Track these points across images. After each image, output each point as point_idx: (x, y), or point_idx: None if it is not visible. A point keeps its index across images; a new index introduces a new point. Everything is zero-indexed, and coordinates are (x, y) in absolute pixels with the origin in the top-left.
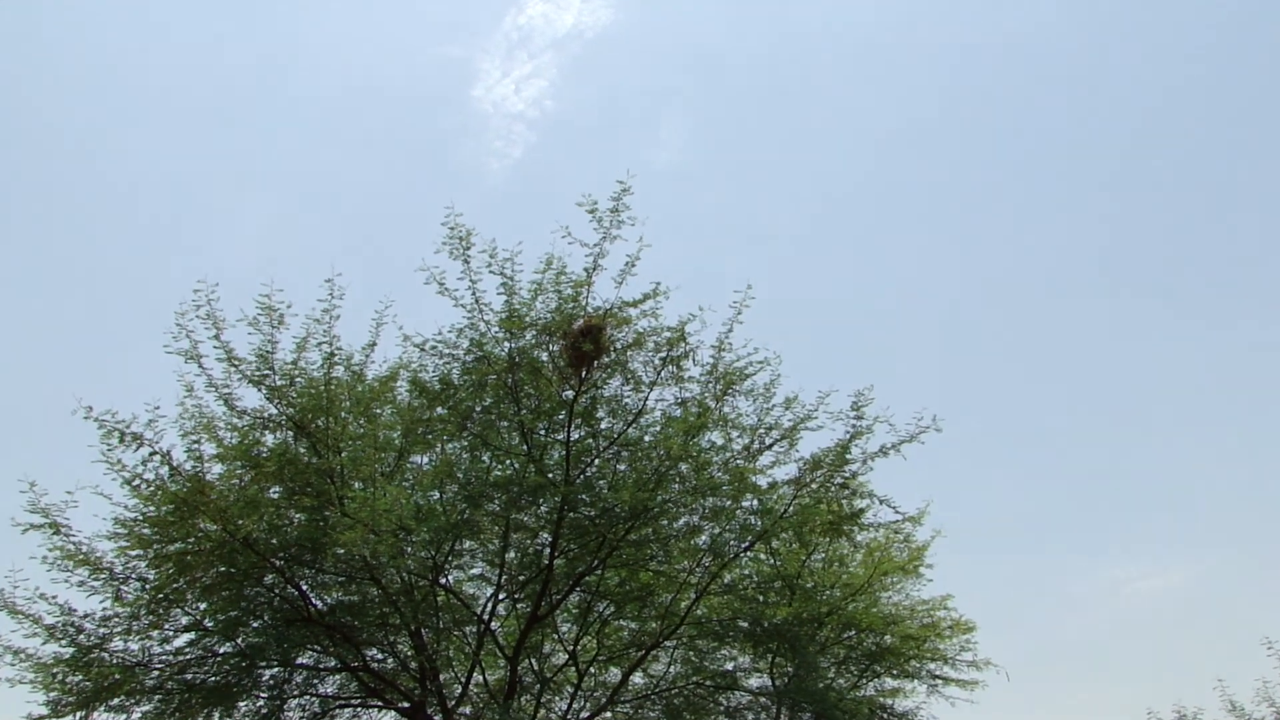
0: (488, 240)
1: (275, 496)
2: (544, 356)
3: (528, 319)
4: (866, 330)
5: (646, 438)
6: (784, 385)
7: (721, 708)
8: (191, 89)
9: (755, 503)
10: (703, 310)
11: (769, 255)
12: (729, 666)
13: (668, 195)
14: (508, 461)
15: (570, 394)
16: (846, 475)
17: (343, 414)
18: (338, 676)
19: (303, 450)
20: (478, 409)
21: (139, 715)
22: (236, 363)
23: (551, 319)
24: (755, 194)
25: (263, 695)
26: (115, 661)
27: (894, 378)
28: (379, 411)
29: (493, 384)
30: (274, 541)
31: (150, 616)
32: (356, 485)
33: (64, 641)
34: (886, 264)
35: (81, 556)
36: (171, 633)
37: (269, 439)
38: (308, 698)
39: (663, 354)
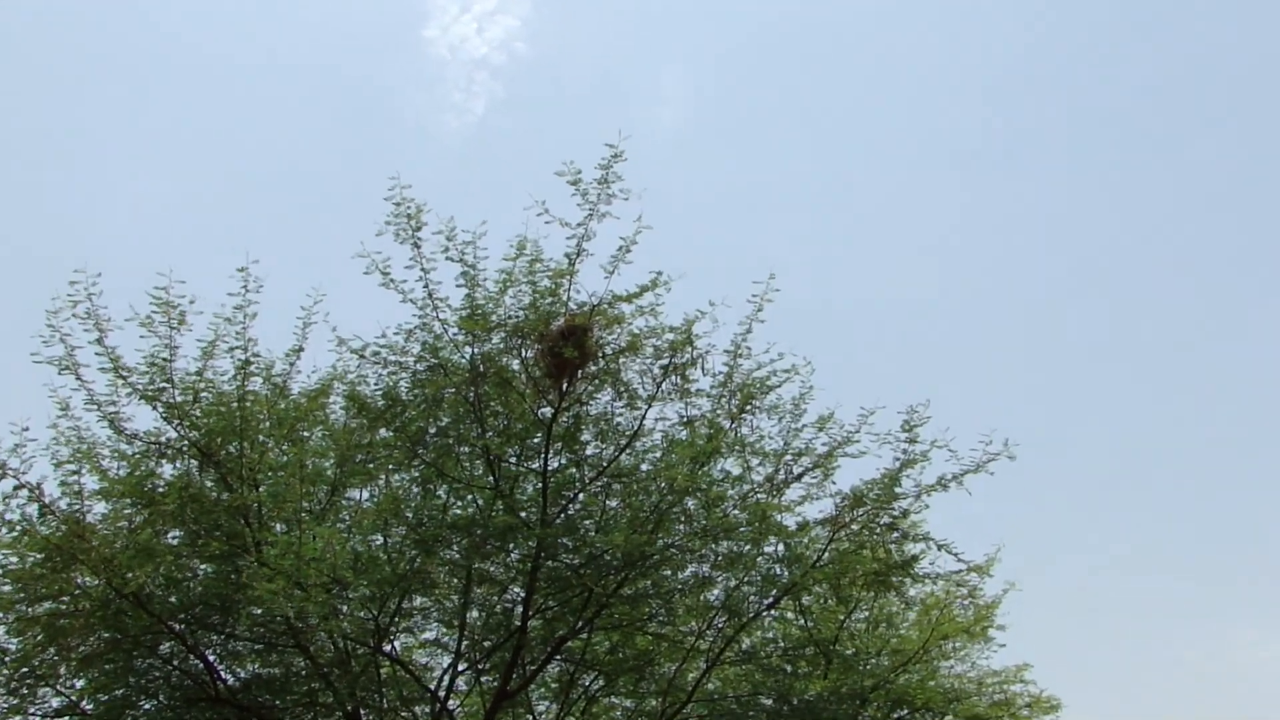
0: (443, 219)
1: (174, 542)
2: (515, 365)
3: (494, 317)
4: (920, 331)
5: (644, 466)
6: (817, 400)
7: None
8: (65, 35)
9: (781, 548)
10: (714, 306)
11: (798, 238)
12: None
13: (672, 163)
14: (469, 497)
15: (548, 412)
16: (896, 514)
17: (261, 438)
18: None
19: (210, 483)
20: (431, 431)
21: None
22: (125, 373)
23: (525, 318)
24: (782, 162)
25: None
26: None
27: (955, 391)
28: (307, 434)
29: (451, 399)
30: (173, 599)
31: (11, 699)
32: (278, 527)
33: None
34: (948, 246)
35: None
36: (39, 718)
37: (166, 469)
38: None
39: (664, 361)
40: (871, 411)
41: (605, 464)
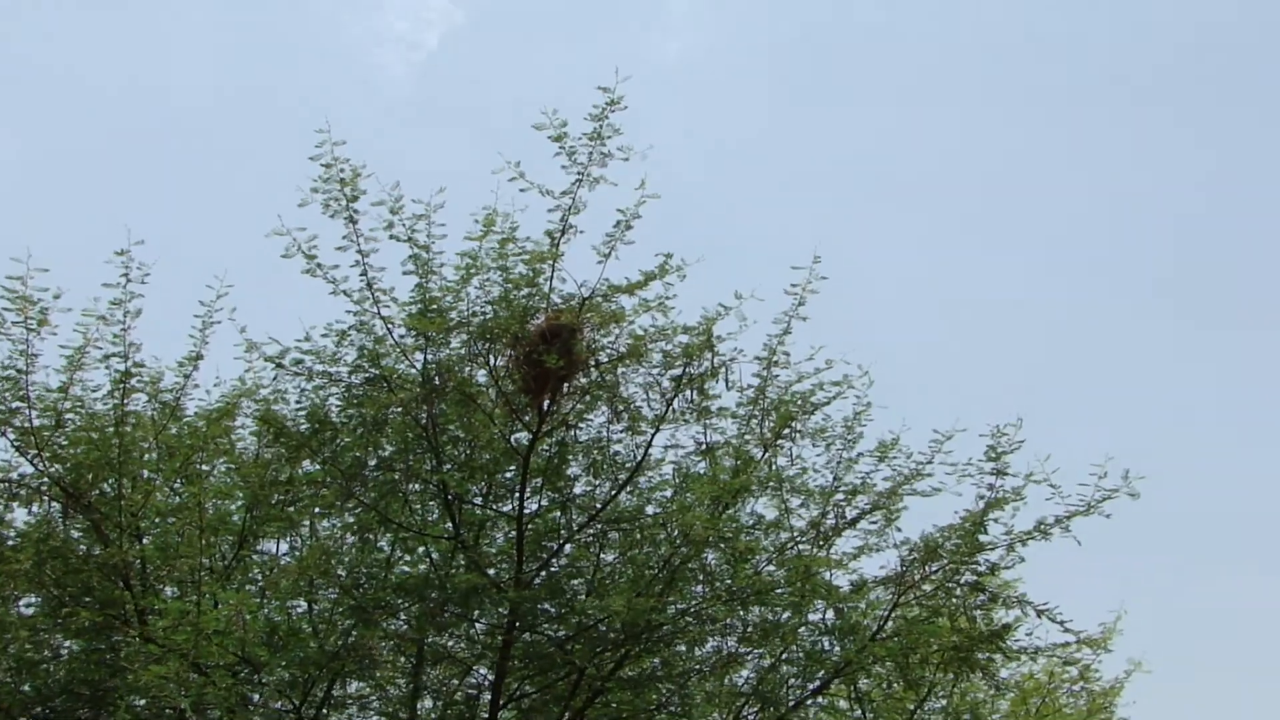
0: (387, 185)
1: (30, 611)
2: (482, 376)
3: (454, 314)
4: (1017, 329)
5: (650, 509)
6: (876, 421)
7: None
8: None
9: (830, 615)
10: (741, 299)
11: (839, 207)
12: None
13: (682, 110)
14: (421, 549)
15: (525, 437)
16: (981, 569)
17: (145, 473)
18: None
19: (78, 534)
20: (372, 463)
21: None
22: None
23: (494, 315)
24: (820, 108)
25: None
26: None
27: (1050, 405)
28: (206, 469)
29: (397, 422)
30: (26, 688)
31: None
32: (168, 592)
33: None
34: (1037, 215)
35: None
36: None
37: (19, 515)
38: None
39: (676, 371)
40: (947, 435)
41: (599, 506)
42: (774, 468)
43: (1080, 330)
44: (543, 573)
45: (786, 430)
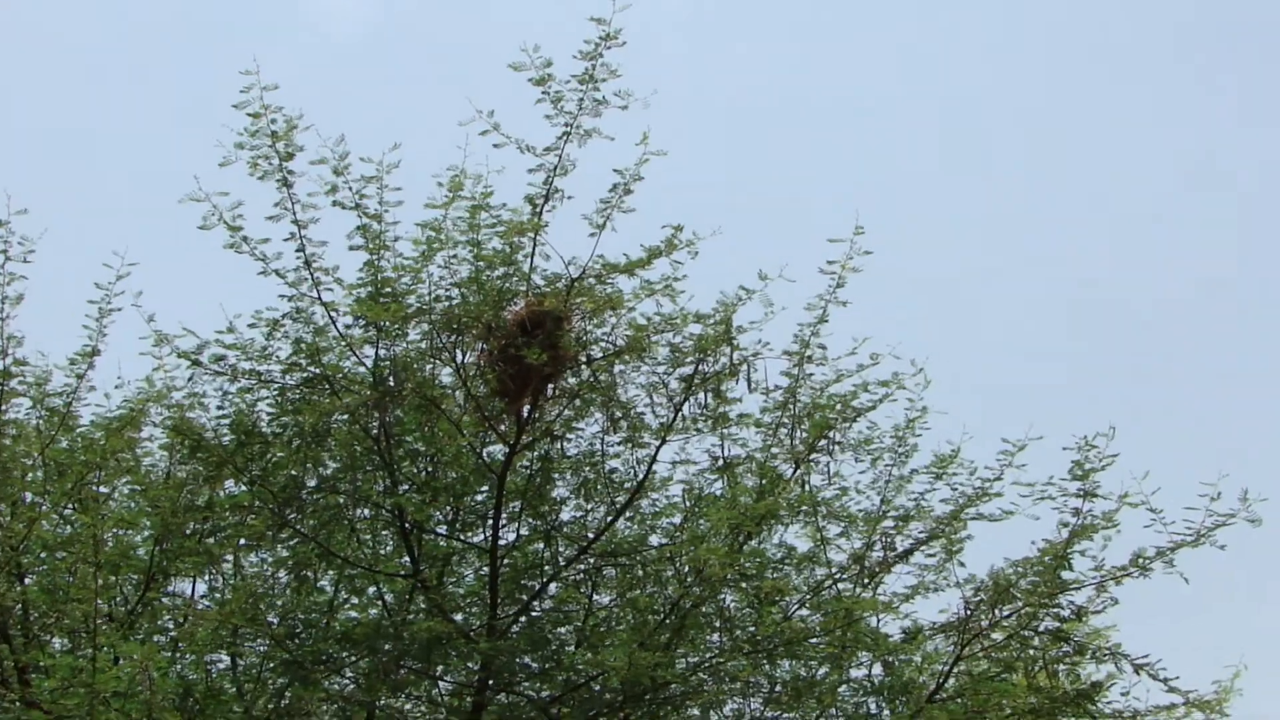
0: (329, 140)
1: None
2: (447, 375)
3: (413, 299)
4: (1104, 321)
5: (655, 539)
6: (934, 429)
7: None
8: None
9: (878, 671)
10: (767, 280)
11: (887, 166)
12: None
13: (694, 57)
14: (372, 590)
15: (500, 451)
16: (1065, 614)
17: (29, 496)
18: None
19: None
20: (311, 484)
21: None
22: None
23: (462, 300)
24: (854, 42)
25: None
26: None
27: (1148, 414)
28: (105, 490)
29: (342, 433)
30: None
31: None
32: (56, 644)
33: None
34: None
35: None
36: None
37: None
38: None
39: (687, 369)
40: (1019, 447)
41: (592, 535)
42: (807, 488)
43: (1180, 321)
44: (522, 618)
45: (823, 442)
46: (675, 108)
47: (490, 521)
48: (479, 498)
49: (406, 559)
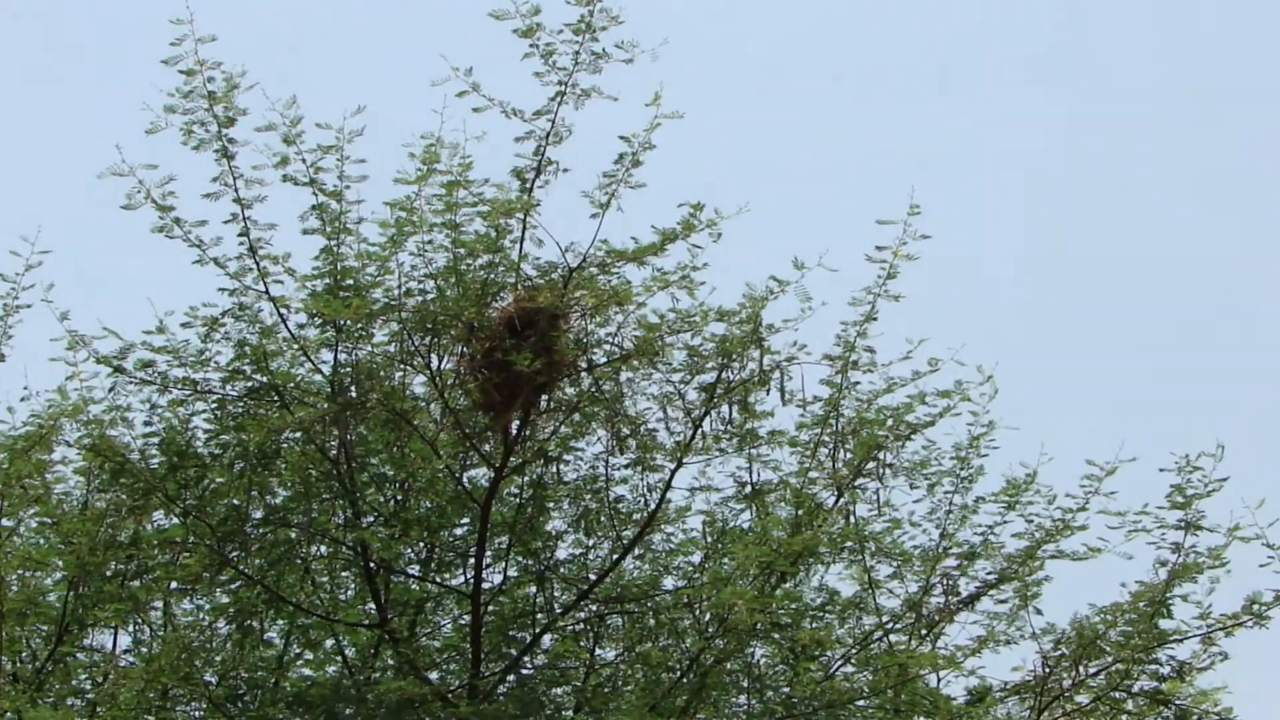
0: (279, 102)
1: None
2: (420, 384)
3: (379, 294)
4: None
5: (670, 582)
6: (1005, 449)
7: None
8: None
9: None
10: (803, 270)
11: (943, 132)
12: None
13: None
14: (330, 643)
15: (484, 476)
16: (1165, 672)
17: None
18: None
19: None
20: (256, 514)
21: None
22: None
23: (438, 294)
24: None
25: None
26: None
27: (1259, 429)
28: (7, 524)
29: (294, 454)
30: None
31: None
32: None
33: None
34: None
35: None
36: None
37: None
38: None
39: (708, 376)
40: (1108, 470)
41: (594, 577)
42: (852, 520)
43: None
44: (510, 677)
45: (871, 464)
46: (692, 60)
47: (472, 560)
48: (458, 532)
49: (371, 605)
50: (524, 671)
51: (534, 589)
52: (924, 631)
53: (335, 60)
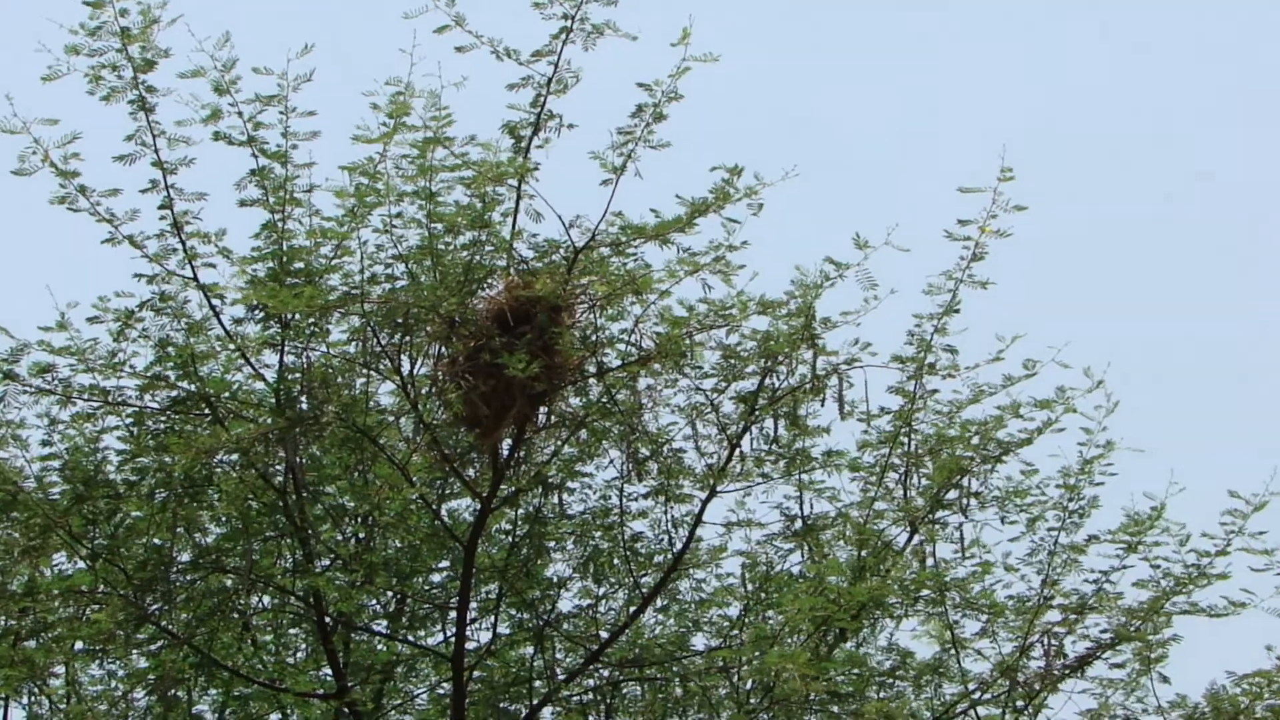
0: (209, 41)
1: None
2: (387, 395)
3: (336, 281)
4: None
5: (701, 639)
6: (1126, 476)
7: None
8: None
9: None
10: (867, 251)
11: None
12: None
13: None
14: (276, 717)
15: (469, 508)
16: None
17: None
18: None
19: None
20: (183, 557)
21: None
22: None
23: (411, 280)
24: None
25: None
26: None
27: None
28: None
29: (231, 481)
30: None
31: None
32: None
33: None
34: None
35: None
36: None
37: None
38: None
39: (748, 384)
40: (1257, 503)
41: (607, 634)
42: (930, 563)
43: None
44: None
45: (953, 493)
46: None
47: (453, 614)
48: (436, 578)
49: (327, 670)
50: None
51: (531, 650)
52: (1021, 703)
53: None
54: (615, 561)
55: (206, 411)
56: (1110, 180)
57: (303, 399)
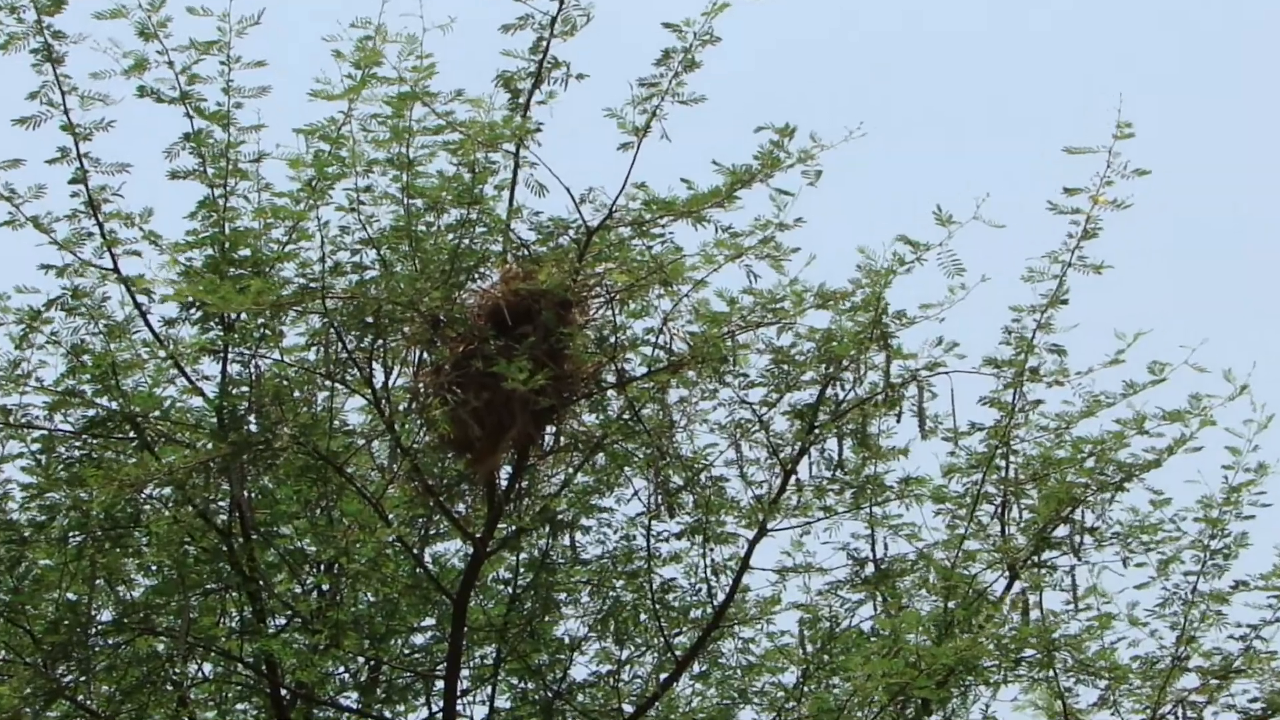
0: None
1: None
2: (355, 412)
3: (292, 270)
4: None
5: (749, 715)
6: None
7: None
8: None
9: None
10: (950, 224)
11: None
12: None
13: None
14: None
15: (458, 552)
16: None
17: None
18: None
19: None
20: (103, 615)
21: None
22: None
23: (384, 271)
24: None
25: None
26: None
27: None
28: None
29: (163, 522)
30: None
31: None
32: None
33: None
34: None
35: None
36: None
37: None
38: None
39: (804, 394)
40: None
41: (633, 708)
42: (1034, 617)
43: None
44: None
45: (1062, 529)
46: None
47: (440, 685)
48: (419, 640)
49: None
50: None
51: None
52: None
53: None
54: (642, 617)
55: (132, 435)
56: (1251, 142)
57: (251, 419)
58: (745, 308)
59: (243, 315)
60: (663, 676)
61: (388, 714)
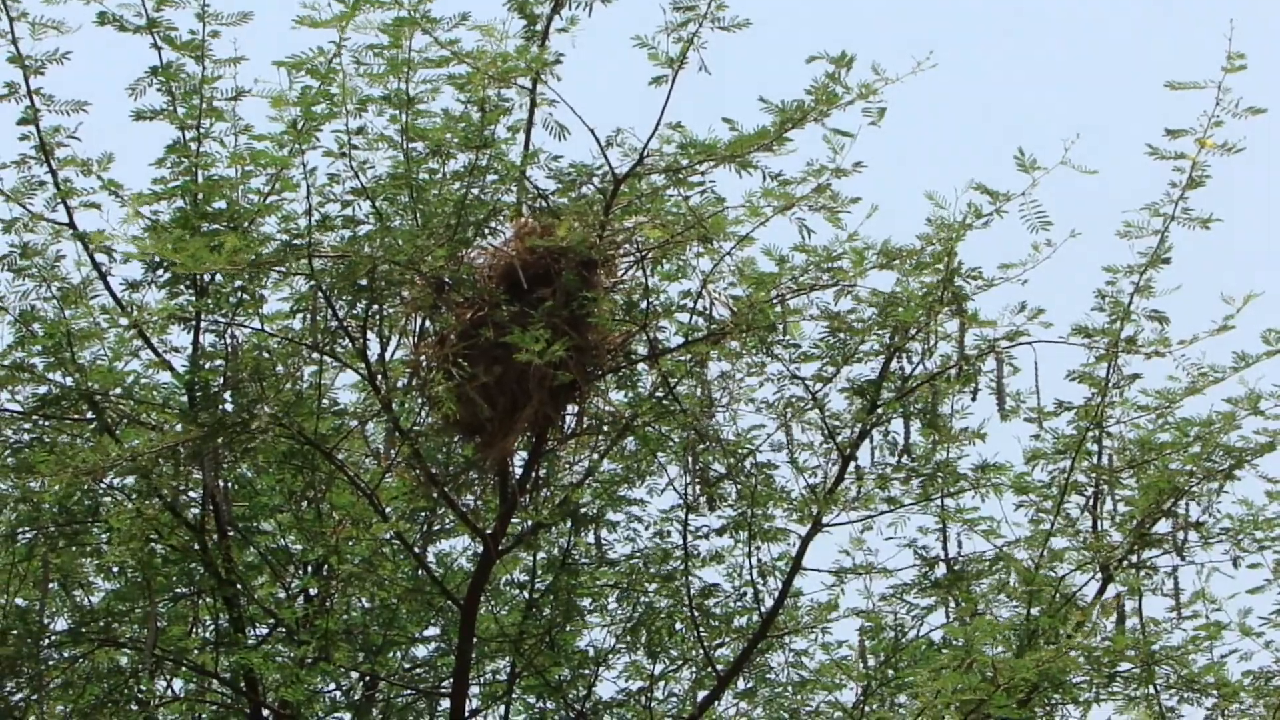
0: None
1: None
2: (346, 389)
3: (273, 225)
4: None
5: None
6: None
7: None
8: None
9: None
10: (1034, 170)
11: None
12: None
13: None
14: None
15: (467, 550)
16: None
17: None
18: None
19: None
20: (57, 624)
21: None
22: None
23: (380, 225)
24: None
25: None
26: None
27: None
28: None
29: (126, 517)
30: None
31: None
32: None
33: None
34: None
35: None
36: None
37: None
38: None
39: (865, 367)
40: None
41: None
42: (1131, 625)
43: None
44: None
45: (1165, 524)
46: None
47: (445, 704)
48: (421, 652)
49: None
50: None
51: None
52: None
53: None
54: (678, 626)
55: (89, 415)
56: None
57: (226, 396)
58: (797, 268)
59: (217, 277)
60: (702, 694)
61: None
